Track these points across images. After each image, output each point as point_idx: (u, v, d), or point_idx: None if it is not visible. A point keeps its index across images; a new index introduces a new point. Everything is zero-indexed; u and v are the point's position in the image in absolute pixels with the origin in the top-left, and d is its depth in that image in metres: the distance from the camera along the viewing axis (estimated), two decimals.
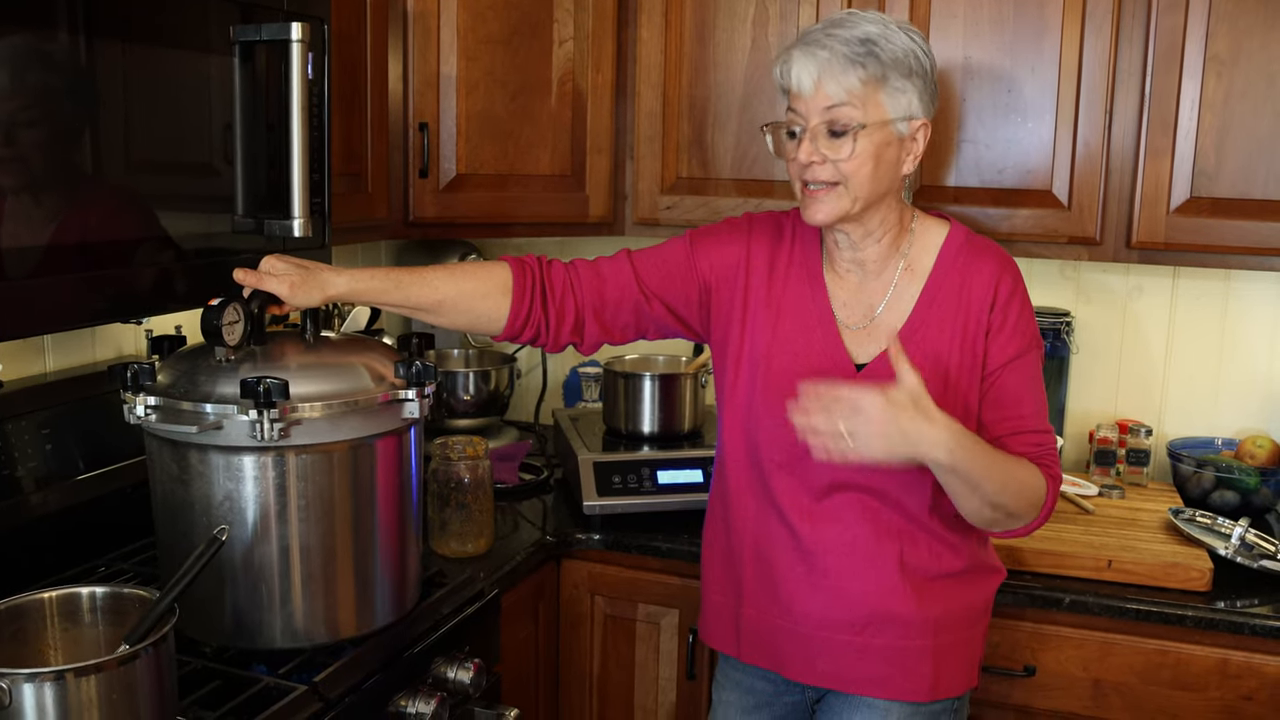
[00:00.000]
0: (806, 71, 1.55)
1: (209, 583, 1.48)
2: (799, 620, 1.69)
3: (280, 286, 1.54)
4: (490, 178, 2.28)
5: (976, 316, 1.63)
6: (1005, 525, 1.58)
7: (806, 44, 1.57)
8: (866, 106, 1.55)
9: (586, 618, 2.21)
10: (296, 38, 1.60)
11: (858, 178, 1.57)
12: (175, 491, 1.53)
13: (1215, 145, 2.02)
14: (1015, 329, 1.63)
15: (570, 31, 2.31)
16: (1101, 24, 2.05)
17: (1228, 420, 2.43)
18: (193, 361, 1.54)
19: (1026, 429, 1.61)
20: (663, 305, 1.75)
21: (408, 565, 1.68)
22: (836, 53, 1.54)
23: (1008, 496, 1.52)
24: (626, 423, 2.42)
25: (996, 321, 1.62)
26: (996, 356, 1.62)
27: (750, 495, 1.72)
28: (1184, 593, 1.89)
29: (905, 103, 1.57)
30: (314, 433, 1.50)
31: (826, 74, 1.54)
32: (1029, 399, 1.63)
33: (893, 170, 1.60)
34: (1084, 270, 2.48)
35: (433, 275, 1.68)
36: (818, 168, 1.57)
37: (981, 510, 1.53)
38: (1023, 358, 1.62)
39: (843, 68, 1.54)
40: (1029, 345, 1.64)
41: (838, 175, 1.57)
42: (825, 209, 1.59)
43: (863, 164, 1.56)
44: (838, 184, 1.58)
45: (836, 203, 1.59)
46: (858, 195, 1.58)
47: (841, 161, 1.56)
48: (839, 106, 1.54)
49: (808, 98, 1.56)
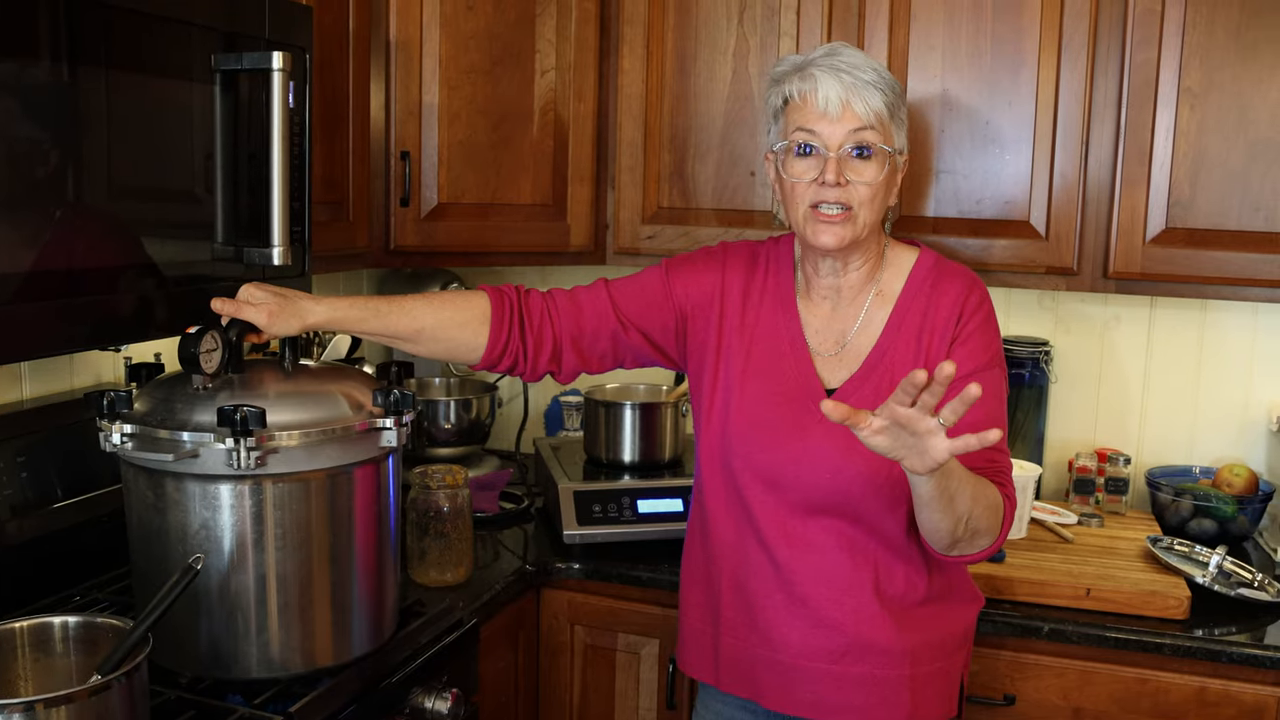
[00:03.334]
0: (834, 91, 1.56)
1: (184, 612, 1.47)
2: (777, 648, 1.68)
3: (258, 315, 1.54)
4: (472, 207, 2.29)
5: (942, 332, 1.63)
6: (967, 548, 1.54)
7: (824, 67, 1.57)
8: (884, 131, 1.58)
9: (566, 647, 2.20)
10: (278, 67, 1.60)
11: (872, 204, 1.59)
12: (151, 520, 1.53)
13: (1189, 176, 2.04)
14: (979, 343, 1.62)
15: (552, 61, 2.32)
16: (1077, 57, 2.07)
17: (1205, 449, 2.45)
18: (170, 389, 1.54)
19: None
20: (640, 334, 1.76)
21: (385, 594, 1.67)
22: (859, 77, 1.56)
23: (978, 511, 1.48)
24: (607, 452, 2.42)
25: (963, 333, 1.62)
26: (959, 368, 1.60)
27: (729, 522, 1.72)
28: (1162, 621, 1.89)
29: (903, 134, 1.62)
30: (291, 461, 1.49)
31: (855, 95, 1.56)
32: (989, 417, 1.58)
33: (889, 199, 1.63)
34: (1062, 300, 2.50)
35: (412, 304, 1.68)
36: (839, 190, 1.57)
37: (955, 529, 1.49)
38: (984, 374, 1.59)
39: (869, 91, 1.56)
40: (991, 362, 1.63)
41: (850, 199, 1.58)
42: (838, 233, 1.59)
43: (875, 192, 1.58)
44: (849, 209, 1.58)
45: (847, 228, 1.60)
46: (866, 221, 1.60)
47: (862, 184, 1.57)
48: (866, 129, 1.56)
49: (834, 118, 1.57)
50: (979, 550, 1.56)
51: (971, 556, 1.57)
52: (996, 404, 1.62)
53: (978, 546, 1.55)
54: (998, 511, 1.53)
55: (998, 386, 1.63)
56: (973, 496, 1.47)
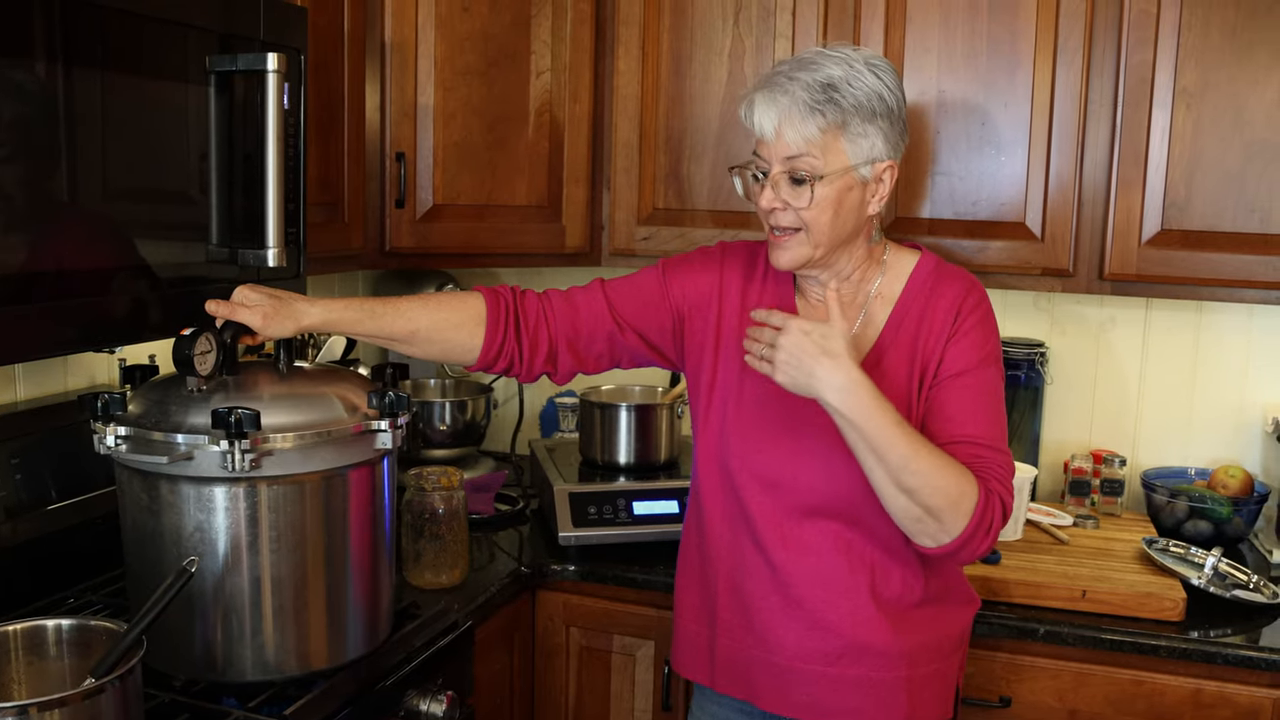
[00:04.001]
0: (767, 118, 1.56)
1: (178, 614, 1.47)
2: (773, 650, 1.68)
3: (253, 318, 1.54)
4: (467, 208, 2.28)
5: (939, 331, 1.62)
6: (928, 528, 1.49)
7: (769, 87, 1.56)
8: (826, 155, 1.54)
9: (562, 649, 2.19)
10: (272, 68, 1.59)
11: (818, 225, 1.57)
12: (145, 522, 1.52)
13: (1185, 178, 2.04)
14: (974, 340, 1.61)
15: (548, 63, 2.32)
16: (1073, 58, 2.07)
17: (1201, 450, 2.45)
18: (164, 391, 1.53)
19: (968, 440, 1.55)
20: (636, 335, 1.76)
21: (380, 596, 1.66)
22: (797, 99, 1.53)
23: (918, 479, 1.46)
24: (602, 453, 2.42)
25: (958, 331, 1.61)
26: (951, 364, 1.60)
27: (725, 523, 1.72)
28: (1158, 623, 1.89)
29: (867, 147, 1.56)
30: (286, 463, 1.49)
31: (786, 122, 1.54)
32: (978, 415, 1.58)
33: (855, 214, 1.59)
34: (1058, 301, 2.50)
35: (407, 306, 1.68)
36: (780, 214, 1.58)
37: (897, 497, 1.48)
38: (977, 372, 1.59)
39: (802, 116, 1.53)
40: (986, 360, 1.61)
41: (799, 221, 1.57)
42: (789, 255, 1.60)
43: (822, 212, 1.56)
44: (799, 230, 1.58)
45: (799, 249, 1.59)
46: (819, 242, 1.59)
47: (802, 210, 1.56)
48: (799, 157, 1.55)
49: (770, 144, 1.57)
50: (951, 539, 1.50)
51: (946, 548, 1.51)
52: (990, 402, 1.60)
53: (944, 531, 1.49)
54: (958, 493, 1.48)
55: (993, 385, 1.62)
56: (907, 457, 1.45)
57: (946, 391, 1.60)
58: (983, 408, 1.59)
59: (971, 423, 1.57)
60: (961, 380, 1.59)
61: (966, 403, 1.59)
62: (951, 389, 1.59)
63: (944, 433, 1.57)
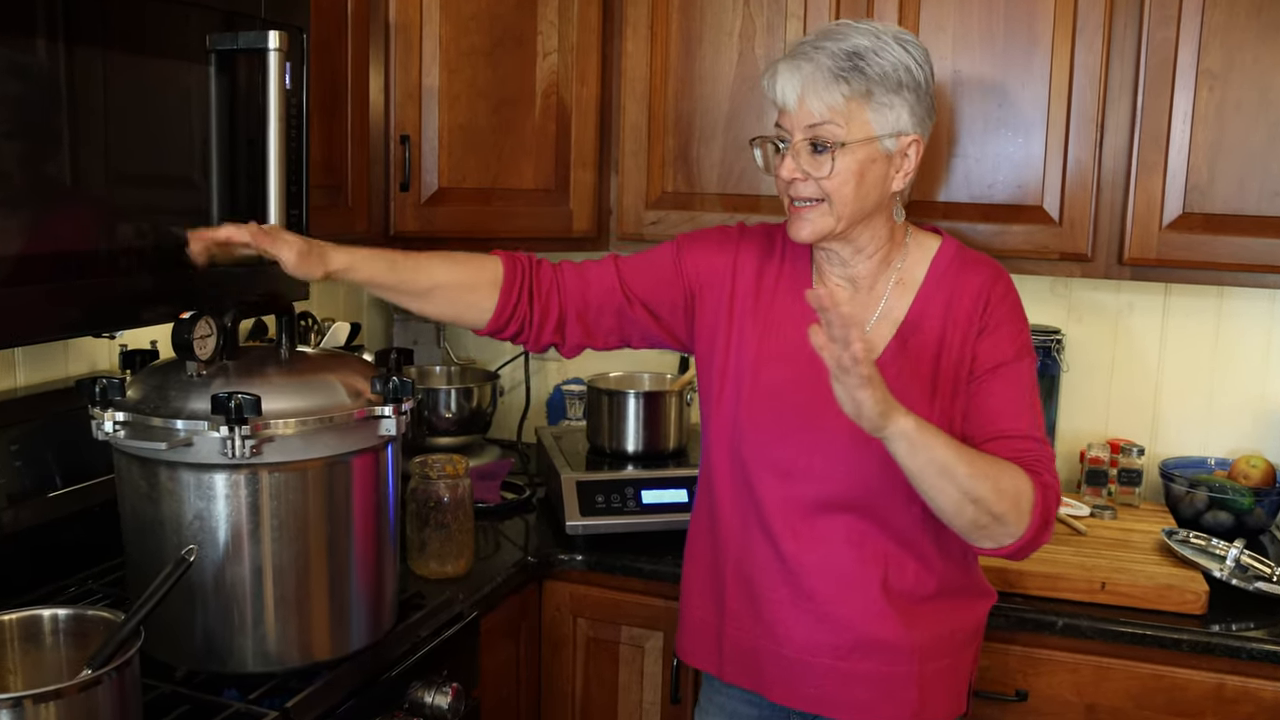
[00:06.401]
0: (790, 86, 1.52)
1: (178, 604, 1.44)
2: (782, 642, 1.64)
3: (289, 253, 1.49)
4: (472, 191, 2.25)
5: (966, 323, 1.59)
6: (993, 532, 1.47)
7: (793, 56, 1.54)
8: (850, 123, 1.51)
9: (569, 640, 2.16)
10: (274, 46, 1.56)
11: (840, 196, 1.53)
12: (144, 510, 1.49)
13: (1208, 160, 2.00)
14: (1007, 332, 1.58)
15: (555, 43, 2.29)
16: (1092, 38, 2.03)
17: (1221, 439, 2.41)
18: (164, 376, 1.50)
19: (1012, 434, 1.53)
20: (645, 310, 1.72)
21: (384, 586, 1.64)
22: (821, 66, 1.50)
23: (985, 487, 1.43)
24: (610, 441, 2.39)
25: (990, 321, 1.58)
26: (986, 358, 1.57)
27: (735, 511, 1.68)
28: (1179, 616, 1.85)
29: (893, 119, 1.53)
30: (287, 450, 1.46)
31: (809, 90, 1.51)
32: (1020, 409, 1.56)
33: (879, 187, 1.56)
34: (1075, 287, 2.45)
35: (428, 261, 1.66)
36: (800, 184, 1.55)
37: (962, 507, 1.44)
38: (1014, 365, 1.57)
39: (826, 83, 1.50)
40: (1021, 352, 1.59)
41: (821, 192, 1.54)
42: (810, 226, 1.56)
43: (844, 182, 1.53)
44: (822, 201, 1.55)
45: (820, 220, 1.56)
46: (841, 214, 1.55)
47: (822, 179, 1.53)
48: (822, 124, 1.51)
49: (792, 113, 1.54)
50: (1011, 543, 1.49)
51: (1007, 549, 1.50)
52: (1028, 394, 1.58)
53: (1003, 530, 1.48)
54: (1018, 493, 1.47)
55: (1029, 376, 1.59)
56: (971, 475, 1.43)
57: (985, 386, 1.57)
58: (1022, 400, 1.56)
59: (1013, 417, 1.55)
60: (999, 375, 1.57)
61: (1008, 398, 1.56)
62: (990, 384, 1.57)
63: (986, 429, 1.55)
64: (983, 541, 1.51)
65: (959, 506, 1.45)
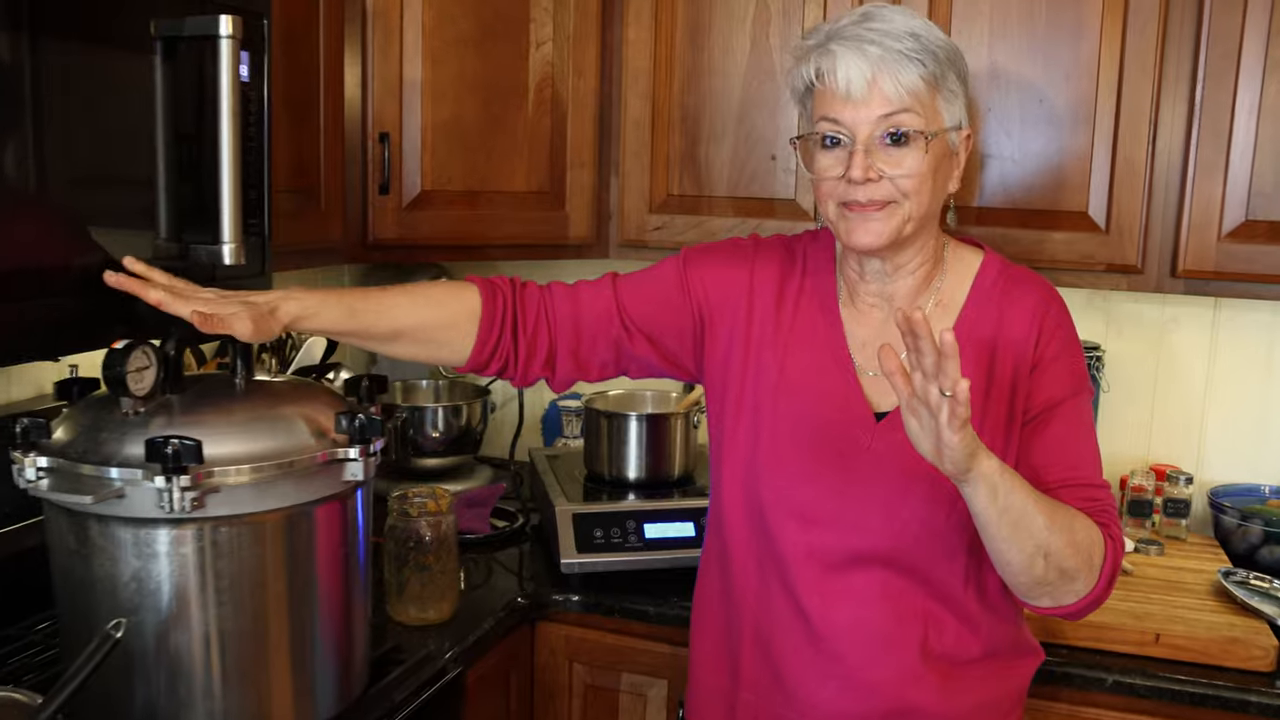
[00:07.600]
0: (857, 69, 1.33)
1: (116, 677, 1.28)
2: (805, 711, 1.47)
3: (242, 327, 1.28)
4: (459, 195, 2.09)
5: (1017, 354, 1.41)
6: (1057, 590, 1.32)
7: (847, 39, 1.34)
8: (927, 111, 1.34)
9: (564, 688, 1.99)
10: (226, 33, 1.38)
11: (919, 196, 1.35)
12: (75, 568, 1.31)
13: (1275, 162, 1.82)
14: (1065, 365, 1.42)
15: (549, 32, 2.13)
16: (1146, 25, 1.84)
17: (1275, 466, 2.23)
18: (97, 414, 1.32)
19: (1080, 481, 1.39)
20: (647, 341, 1.54)
21: (354, 647, 1.47)
22: (890, 48, 1.32)
23: (1058, 545, 1.28)
24: (610, 467, 2.20)
25: (1046, 354, 1.41)
26: (1044, 395, 1.40)
27: (752, 561, 1.50)
28: (1244, 673, 1.67)
29: (957, 109, 1.37)
30: (237, 501, 1.27)
31: (883, 72, 1.32)
32: (1082, 452, 1.41)
33: (944, 188, 1.41)
34: (1114, 299, 2.27)
35: (392, 302, 1.47)
36: (873, 186, 1.35)
37: (1034, 561, 1.28)
38: (1072, 401, 1.42)
39: (901, 64, 1.32)
40: (1079, 386, 1.43)
41: (896, 193, 1.35)
42: (876, 230, 1.36)
43: (924, 180, 1.35)
44: (891, 202, 1.36)
45: (888, 223, 1.36)
46: (912, 215, 1.37)
47: (901, 177, 1.34)
48: (900, 113, 1.33)
49: (858, 101, 1.34)
50: (1078, 599, 1.33)
51: (1069, 607, 1.35)
52: (1089, 434, 1.42)
53: (1070, 588, 1.32)
54: (1090, 546, 1.32)
55: (1087, 414, 1.43)
56: (1049, 526, 1.27)
57: (1046, 428, 1.40)
58: (1084, 442, 1.41)
59: (1078, 462, 1.39)
60: (1059, 414, 1.40)
61: (1070, 440, 1.40)
62: (1051, 425, 1.40)
63: (1051, 475, 1.37)
64: (1042, 600, 1.34)
65: (1030, 560, 1.28)
